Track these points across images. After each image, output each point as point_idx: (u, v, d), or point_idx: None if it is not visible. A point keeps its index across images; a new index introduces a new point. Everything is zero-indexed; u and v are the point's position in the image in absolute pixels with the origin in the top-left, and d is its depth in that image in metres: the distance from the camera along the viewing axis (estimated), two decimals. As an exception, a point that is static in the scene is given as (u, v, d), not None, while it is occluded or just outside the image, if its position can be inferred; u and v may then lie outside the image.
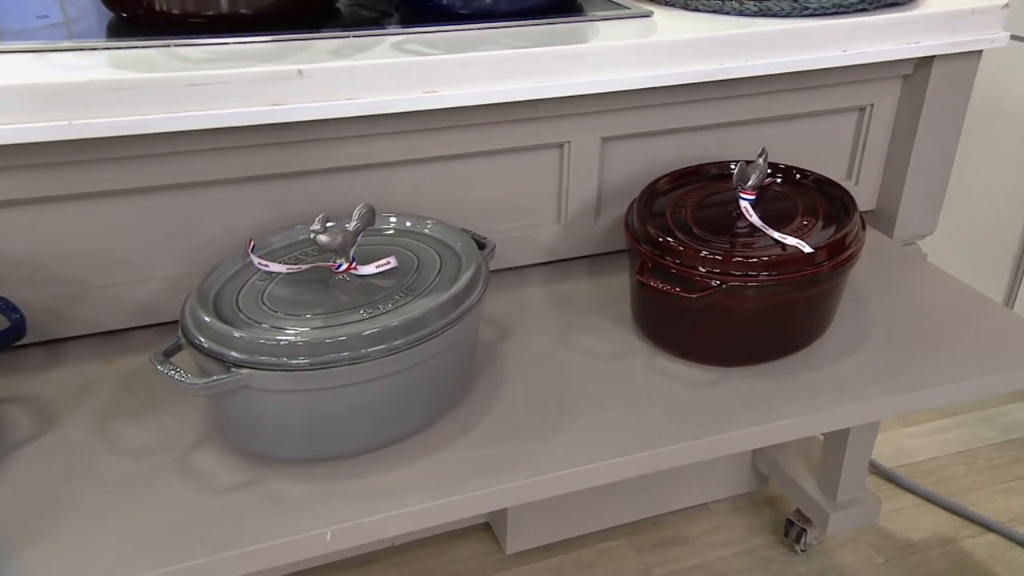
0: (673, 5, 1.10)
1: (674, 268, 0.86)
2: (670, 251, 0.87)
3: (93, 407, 0.81)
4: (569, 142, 1.04)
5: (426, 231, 0.89)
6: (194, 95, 0.79)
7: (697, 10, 1.08)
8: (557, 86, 0.93)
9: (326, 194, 0.93)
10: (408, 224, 0.89)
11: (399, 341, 0.70)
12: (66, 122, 0.76)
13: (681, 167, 1.04)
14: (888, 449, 1.65)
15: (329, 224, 0.78)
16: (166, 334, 0.93)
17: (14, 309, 0.74)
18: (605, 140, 1.06)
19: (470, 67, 0.89)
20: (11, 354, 0.87)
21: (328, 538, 0.67)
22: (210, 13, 0.87)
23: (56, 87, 0.74)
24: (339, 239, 0.77)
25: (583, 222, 1.10)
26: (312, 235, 0.76)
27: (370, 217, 0.80)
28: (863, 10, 1.06)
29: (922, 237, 1.28)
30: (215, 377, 0.68)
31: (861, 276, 1.08)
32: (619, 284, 1.04)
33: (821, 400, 0.86)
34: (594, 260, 1.12)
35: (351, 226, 0.79)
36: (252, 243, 0.81)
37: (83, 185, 0.85)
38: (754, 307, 0.88)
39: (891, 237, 1.22)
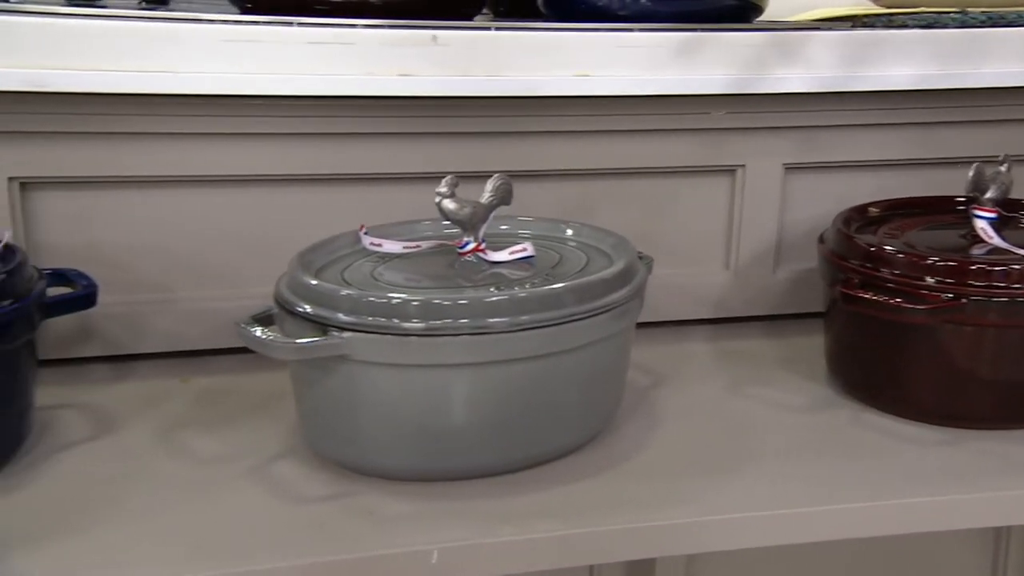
0: (872, 26, 1.07)
1: (892, 281, 0.77)
2: (887, 261, 0.79)
3: (160, 417, 0.79)
4: (743, 166, 0.99)
5: (569, 233, 0.84)
6: (313, 55, 0.80)
7: (904, 26, 1.04)
8: (729, 80, 0.90)
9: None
10: (548, 228, 0.85)
11: (526, 317, 0.65)
12: (171, 73, 0.78)
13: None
14: None
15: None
16: (254, 361, 0.90)
17: (83, 276, 0.75)
18: (788, 169, 1.01)
19: (629, 48, 0.88)
20: (76, 367, 0.87)
21: (434, 559, 0.59)
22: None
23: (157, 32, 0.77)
24: (468, 209, 0.74)
25: (758, 272, 1.02)
26: (437, 199, 0.73)
27: (506, 192, 0.77)
28: None
29: None
30: (311, 339, 0.64)
31: None
32: (809, 345, 0.95)
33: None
34: (772, 323, 1.04)
35: (484, 199, 0.76)
36: (363, 228, 0.79)
37: (183, 164, 0.86)
38: (1001, 338, 0.77)
39: None
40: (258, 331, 0.65)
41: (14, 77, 0.74)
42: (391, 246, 0.77)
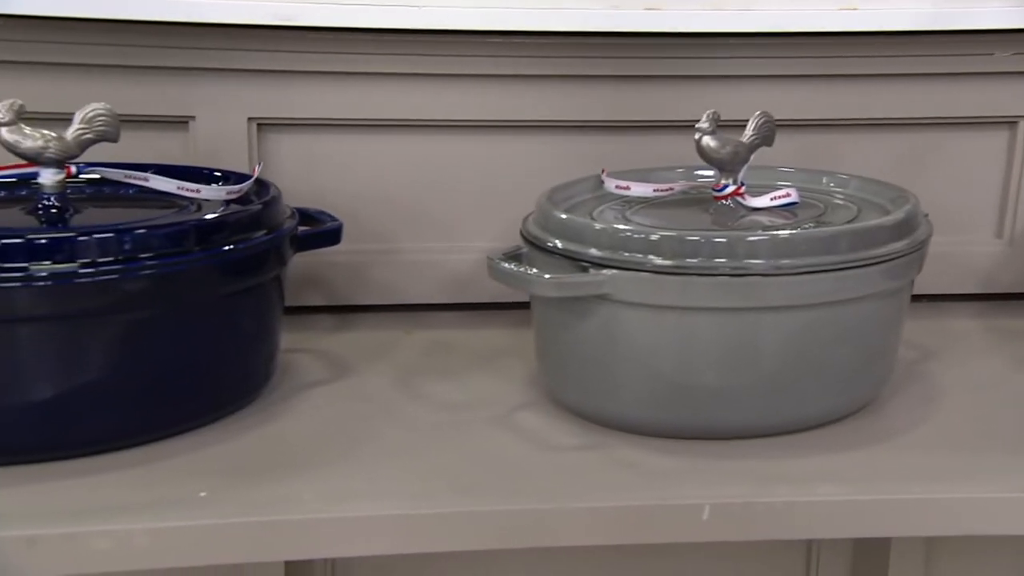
0: None
1: None
2: None
3: (392, 365, 0.82)
4: (1026, 118, 0.94)
5: (832, 185, 0.82)
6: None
7: None
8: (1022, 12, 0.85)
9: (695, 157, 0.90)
10: (810, 180, 0.83)
11: (788, 261, 0.64)
12: (414, 8, 0.81)
13: None
14: None
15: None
16: (472, 318, 0.92)
17: (327, 214, 0.79)
18: (1082, 119, 0.94)
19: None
20: (302, 316, 0.91)
21: (705, 515, 0.59)
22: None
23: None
24: (729, 148, 0.73)
25: (1038, 243, 0.96)
26: (697, 136, 0.73)
27: (769, 131, 0.76)
28: None
29: None
30: (570, 276, 0.65)
31: None
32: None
33: None
34: (1054, 303, 0.98)
35: (746, 138, 0.75)
36: (605, 171, 0.79)
37: (412, 107, 0.89)
38: None
39: None
40: (518, 267, 0.67)
41: (266, 11, 0.79)
42: (640, 188, 0.77)
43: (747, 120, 0.82)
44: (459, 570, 0.84)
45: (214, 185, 0.73)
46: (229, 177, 0.77)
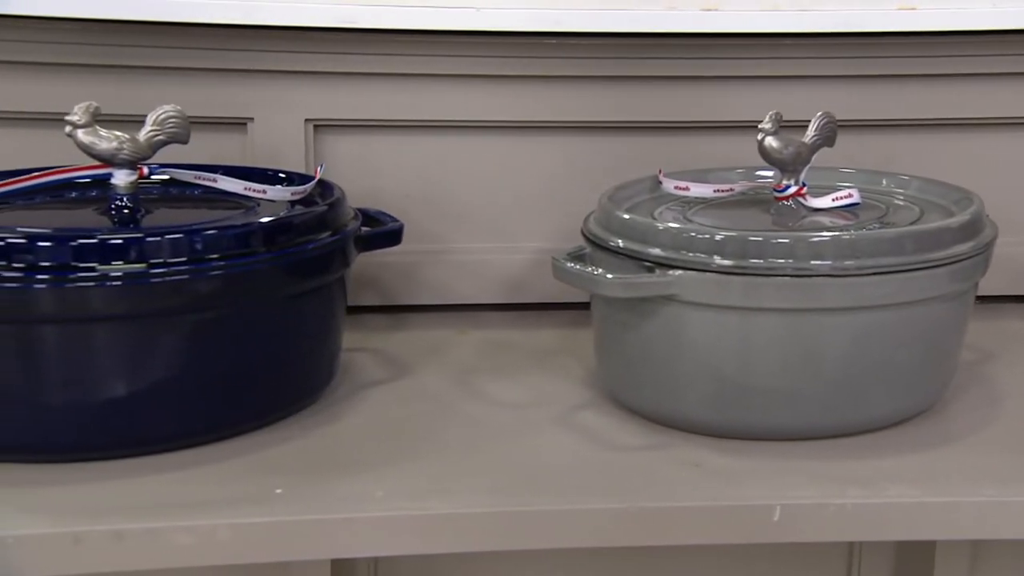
0: None
1: None
2: None
3: (449, 364, 0.83)
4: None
5: (893, 187, 0.82)
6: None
7: None
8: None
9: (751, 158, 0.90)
10: (869, 180, 0.83)
11: (851, 262, 0.65)
12: (472, 9, 0.82)
13: None
14: None
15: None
16: (523, 318, 0.93)
17: (387, 215, 0.80)
18: None
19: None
20: (354, 316, 0.92)
21: (776, 516, 0.60)
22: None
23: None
24: (792, 149, 0.74)
25: (1090, 244, 0.96)
26: (760, 136, 0.74)
27: (831, 132, 0.76)
28: None
29: None
30: (637, 276, 0.66)
31: None
32: None
33: None
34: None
35: (807, 139, 0.75)
36: (662, 171, 0.80)
37: (464, 108, 0.90)
38: None
39: None
40: (585, 267, 0.68)
41: (327, 14, 0.81)
42: (700, 189, 0.78)
43: (802, 120, 0.83)
44: (502, 570, 0.85)
45: (279, 186, 0.74)
46: (292, 178, 0.78)
